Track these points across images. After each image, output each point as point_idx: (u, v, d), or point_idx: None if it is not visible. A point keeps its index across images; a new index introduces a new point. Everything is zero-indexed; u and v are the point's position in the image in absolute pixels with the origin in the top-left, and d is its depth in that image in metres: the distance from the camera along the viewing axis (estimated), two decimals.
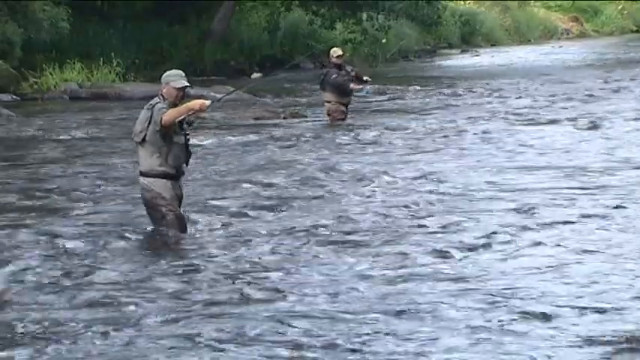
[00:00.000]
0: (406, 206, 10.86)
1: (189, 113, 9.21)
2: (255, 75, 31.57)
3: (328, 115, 18.44)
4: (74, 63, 26.41)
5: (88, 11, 29.59)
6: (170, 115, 9.02)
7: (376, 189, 11.97)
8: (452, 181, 12.34)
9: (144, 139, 9.12)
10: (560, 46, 47.63)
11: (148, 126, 9.08)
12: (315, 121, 19.30)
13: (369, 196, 11.52)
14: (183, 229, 9.50)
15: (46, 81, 25.74)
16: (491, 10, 52.22)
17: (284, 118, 20.12)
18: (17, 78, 25.37)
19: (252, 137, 17.06)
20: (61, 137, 17.53)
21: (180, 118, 9.15)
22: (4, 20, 25.27)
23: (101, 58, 26.86)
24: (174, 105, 9.11)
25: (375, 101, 23.43)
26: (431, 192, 11.66)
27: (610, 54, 41.42)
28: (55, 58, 26.33)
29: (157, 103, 9.14)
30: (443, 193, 11.56)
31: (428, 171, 13.15)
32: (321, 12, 34.92)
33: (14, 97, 24.34)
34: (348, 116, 18.58)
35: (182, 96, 9.24)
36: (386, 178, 12.70)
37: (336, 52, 18.42)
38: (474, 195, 11.44)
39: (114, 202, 11.41)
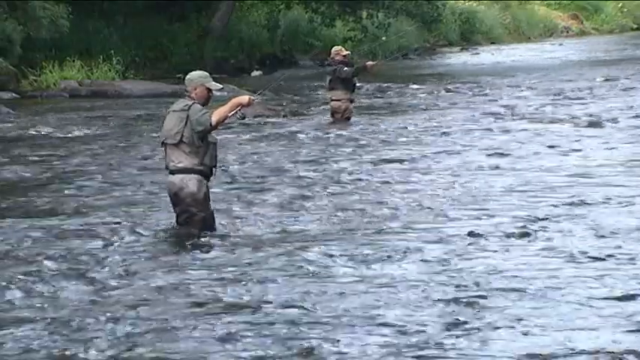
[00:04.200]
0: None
1: (237, 109, 9.22)
2: (256, 73, 31.55)
3: (335, 113, 18.17)
4: (74, 61, 26.37)
5: (87, 9, 29.54)
6: (220, 114, 9.07)
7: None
8: (444, 180, 12.35)
9: (180, 140, 9.05)
10: (561, 44, 47.60)
11: (184, 127, 9.00)
12: (315, 119, 19.28)
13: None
14: (213, 228, 9.40)
15: (46, 79, 25.71)
16: (490, 8, 52.17)
17: (284, 116, 20.08)
18: (17, 76, 25.33)
19: (252, 136, 17.06)
20: (60, 135, 17.51)
21: (230, 114, 9.17)
22: (3, 18, 25.24)
23: (101, 56, 26.84)
24: (202, 106, 9.12)
25: (375, 99, 23.40)
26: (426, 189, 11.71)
27: (610, 52, 41.38)
28: (55, 56, 26.30)
29: (192, 103, 9.09)
30: (439, 192, 11.58)
31: (432, 167, 13.27)
32: (320, 10, 34.92)
33: (14, 94, 24.30)
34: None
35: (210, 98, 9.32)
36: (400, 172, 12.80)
37: (342, 50, 18.35)
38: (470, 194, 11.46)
39: (116, 200, 11.39)
